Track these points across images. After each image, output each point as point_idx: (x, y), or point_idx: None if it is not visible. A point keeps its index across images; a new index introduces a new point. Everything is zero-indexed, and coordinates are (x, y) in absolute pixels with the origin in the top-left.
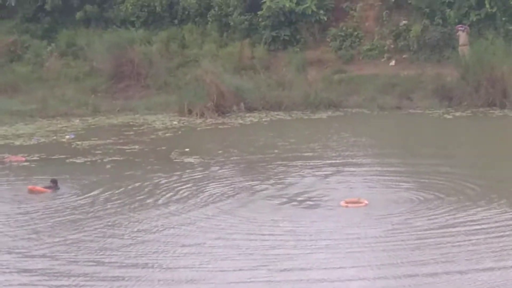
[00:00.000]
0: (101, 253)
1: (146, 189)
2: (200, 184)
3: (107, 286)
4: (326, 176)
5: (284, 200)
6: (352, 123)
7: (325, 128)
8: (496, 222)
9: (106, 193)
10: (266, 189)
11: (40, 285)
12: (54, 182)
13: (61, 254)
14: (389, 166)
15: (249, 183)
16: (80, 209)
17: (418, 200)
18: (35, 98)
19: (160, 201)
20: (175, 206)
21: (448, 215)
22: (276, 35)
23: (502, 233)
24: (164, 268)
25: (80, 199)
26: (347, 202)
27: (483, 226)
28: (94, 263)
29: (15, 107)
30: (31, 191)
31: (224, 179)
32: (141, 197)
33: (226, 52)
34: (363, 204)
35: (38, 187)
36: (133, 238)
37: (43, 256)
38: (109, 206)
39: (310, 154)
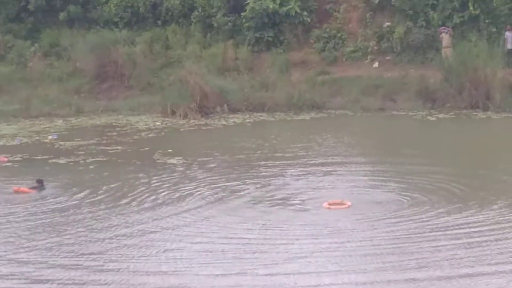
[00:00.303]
0: (81, 257)
1: (128, 191)
2: (182, 186)
3: None
4: (309, 177)
5: (267, 202)
6: (335, 124)
7: (308, 129)
8: (482, 223)
9: (89, 195)
10: (249, 191)
11: None
12: (40, 182)
13: (41, 258)
14: (372, 166)
15: (231, 184)
16: (61, 212)
17: (402, 201)
18: (18, 98)
19: (142, 205)
20: (157, 209)
21: (435, 217)
22: (259, 36)
23: (488, 236)
24: (147, 273)
25: (62, 201)
26: (330, 204)
27: (468, 229)
28: (74, 268)
29: None
30: (17, 192)
31: (207, 181)
32: (124, 200)
33: (209, 53)
34: (346, 205)
35: (23, 188)
36: (114, 242)
37: (20, 261)
38: (91, 209)
39: (293, 155)
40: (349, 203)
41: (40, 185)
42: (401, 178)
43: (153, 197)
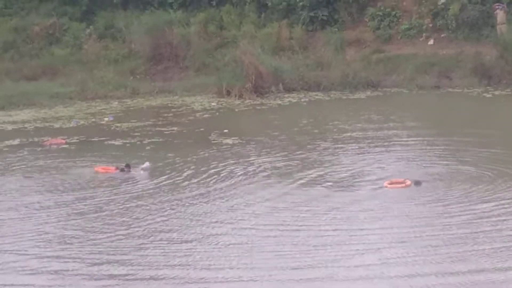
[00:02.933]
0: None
1: (186, 175)
2: (239, 167)
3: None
4: (368, 156)
5: (328, 184)
6: (391, 103)
7: (364, 108)
8: None
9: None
10: (308, 172)
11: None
12: (128, 167)
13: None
14: (431, 145)
15: (289, 165)
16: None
17: (466, 180)
18: (74, 80)
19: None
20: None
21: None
22: (314, 15)
23: None
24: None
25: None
26: (390, 183)
27: None
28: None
29: (55, 90)
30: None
31: (264, 162)
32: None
33: (264, 33)
34: (405, 185)
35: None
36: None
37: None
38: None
39: (350, 134)
40: (408, 182)
41: (127, 169)
42: (460, 156)
43: (210, 179)
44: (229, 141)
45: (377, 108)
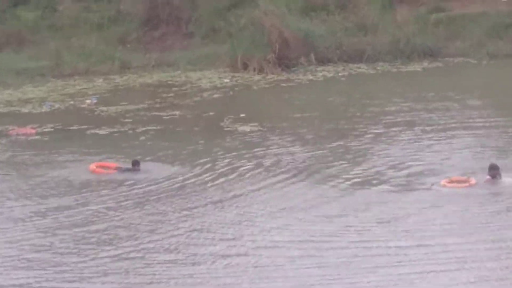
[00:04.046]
0: None
1: (192, 174)
2: (259, 162)
3: None
4: (423, 146)
5: (370, 181)
6: (454, 76)
7: (419, 83)
8: None
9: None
10: (346, 167)
11: None
12: (136, 164)
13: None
14: (504, 130)
15: (322, 159)
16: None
17: None
18: (47, 52)
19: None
20: (232, 202)
21: None
22: None
23: None
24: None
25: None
26: (449, 182)
27: None
28: None
29: (22, 65)
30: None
31: (291, 155)
32: (189, 188)
33: None
34: (469, 184)
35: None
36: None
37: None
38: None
39: (401, 118)
40: (473, 181)
41: (135, 167)
42: None
43: (221, 180)
44: (247, 128)
45: (436, 83)
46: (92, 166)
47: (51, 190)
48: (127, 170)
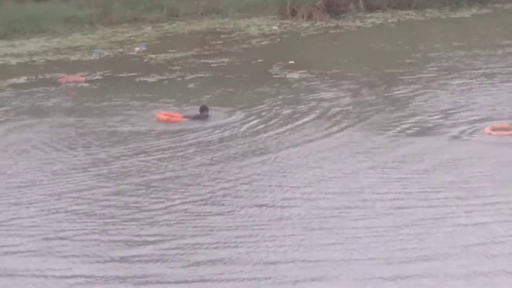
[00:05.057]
0: None
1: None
2: (310, 111)
3: None
4: (471, 93)
5: (420, 129)
6: (505, 24)
7: (468, 30)
8: None
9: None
10: (403, 117)
11: None
12: (204, 110)
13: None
14: None
15: (372, 107)
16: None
17: None
18: (95, 0)
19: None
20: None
21: None
22: None
23: None
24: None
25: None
26: (493, 129)
27: None
28: None
29: (70, 13)
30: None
31: (340, 101)
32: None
33: None
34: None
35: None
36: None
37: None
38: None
39: (450, 64)
40: None
41: (204, 113)
42: None
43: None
44: (295, 75)
45: (485, 30)
46: (160, 115)
47: (104, 140)
48: (196, 117)
